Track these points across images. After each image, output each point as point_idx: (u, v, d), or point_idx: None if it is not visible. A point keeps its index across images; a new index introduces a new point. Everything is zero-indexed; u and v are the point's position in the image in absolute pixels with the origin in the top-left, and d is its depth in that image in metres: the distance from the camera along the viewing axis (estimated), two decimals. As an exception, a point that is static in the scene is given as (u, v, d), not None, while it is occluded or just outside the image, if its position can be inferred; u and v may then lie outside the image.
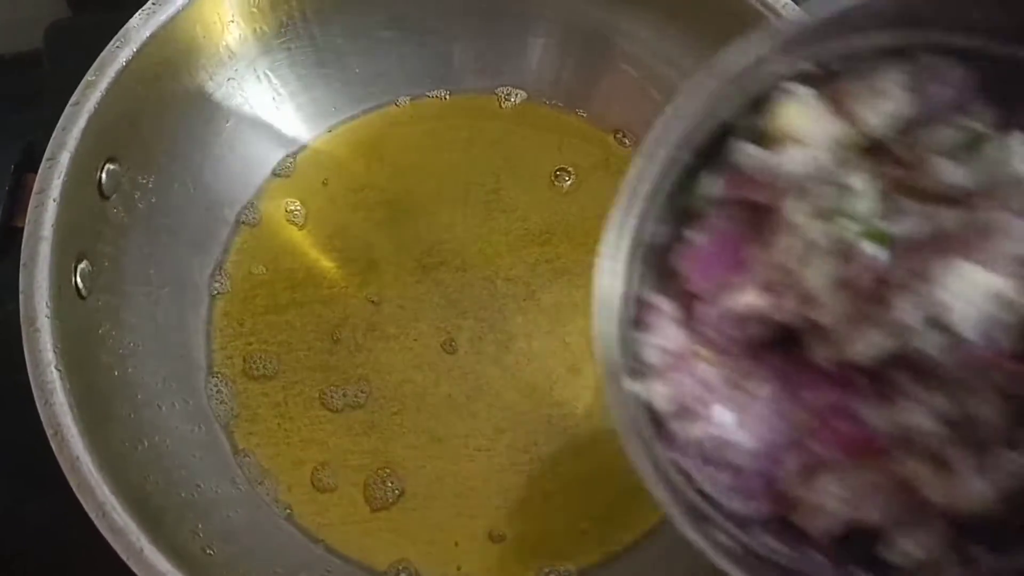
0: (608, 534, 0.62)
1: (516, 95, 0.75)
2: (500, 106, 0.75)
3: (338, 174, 0.72)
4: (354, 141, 0.73)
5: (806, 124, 0.36)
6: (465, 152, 0.73)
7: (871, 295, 0.35)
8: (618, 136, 0.74)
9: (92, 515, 0.48)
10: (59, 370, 0.51)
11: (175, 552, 0.49)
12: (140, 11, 0.58)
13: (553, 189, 0.72)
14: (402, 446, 0.64)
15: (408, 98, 0.75)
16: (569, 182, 0.72)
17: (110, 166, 0.59)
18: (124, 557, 0.47)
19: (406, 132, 0.74)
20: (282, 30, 0.67)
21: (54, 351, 0.51)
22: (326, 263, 0.69)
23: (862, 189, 0.35)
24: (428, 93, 0.75)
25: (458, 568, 0.61)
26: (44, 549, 0.63)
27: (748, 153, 0.37)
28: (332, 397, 0.65)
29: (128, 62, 0.58)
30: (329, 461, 0.63)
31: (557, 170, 0.72)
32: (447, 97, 0.75)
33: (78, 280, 0.56)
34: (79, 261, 0.56)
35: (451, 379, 0.66)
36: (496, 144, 0.73)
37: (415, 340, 0.67)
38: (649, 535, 0.62)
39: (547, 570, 0.61)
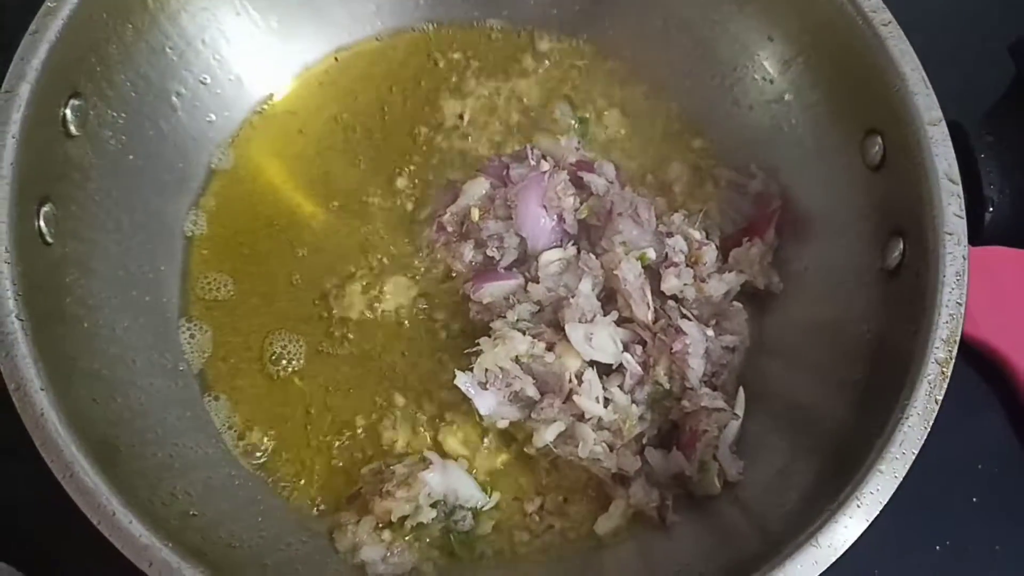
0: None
1: (505, 25, 0.70)
2: (490, 38, 0.70)
3: (319, 116, 0.68)
4: (333, 81, 0.69)
5: None
6: (451, 87, 0.69)
7: None
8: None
9: (58, 475, 0.44)
10: (20, 320, 0.47)
11: (150, 515, 0.45)
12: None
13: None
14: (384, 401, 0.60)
15: (390, 31, 0.70)
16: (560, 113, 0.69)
17: (75, 101, 0.55)
18: (94, 521, 0.44)
19: (386, 71, 0.69)
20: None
21: (15, 299, 0.47)
22: (309, 209, 0.65)
23: None
24: (412, 27, 0.70)
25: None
26: (33, 517, 0.58)
27: None
28: (315, 345, 0.61)
29: (91, -13, 0.53)
30: (309, 409, 0.60)
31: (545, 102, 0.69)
32: (431, 29, 0.70)
33: (42, 224, 0.52)
34: (42, 204, 0.52)
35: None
36: (481, 76, 0.69)
37: (408, 288, 0.63)
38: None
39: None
